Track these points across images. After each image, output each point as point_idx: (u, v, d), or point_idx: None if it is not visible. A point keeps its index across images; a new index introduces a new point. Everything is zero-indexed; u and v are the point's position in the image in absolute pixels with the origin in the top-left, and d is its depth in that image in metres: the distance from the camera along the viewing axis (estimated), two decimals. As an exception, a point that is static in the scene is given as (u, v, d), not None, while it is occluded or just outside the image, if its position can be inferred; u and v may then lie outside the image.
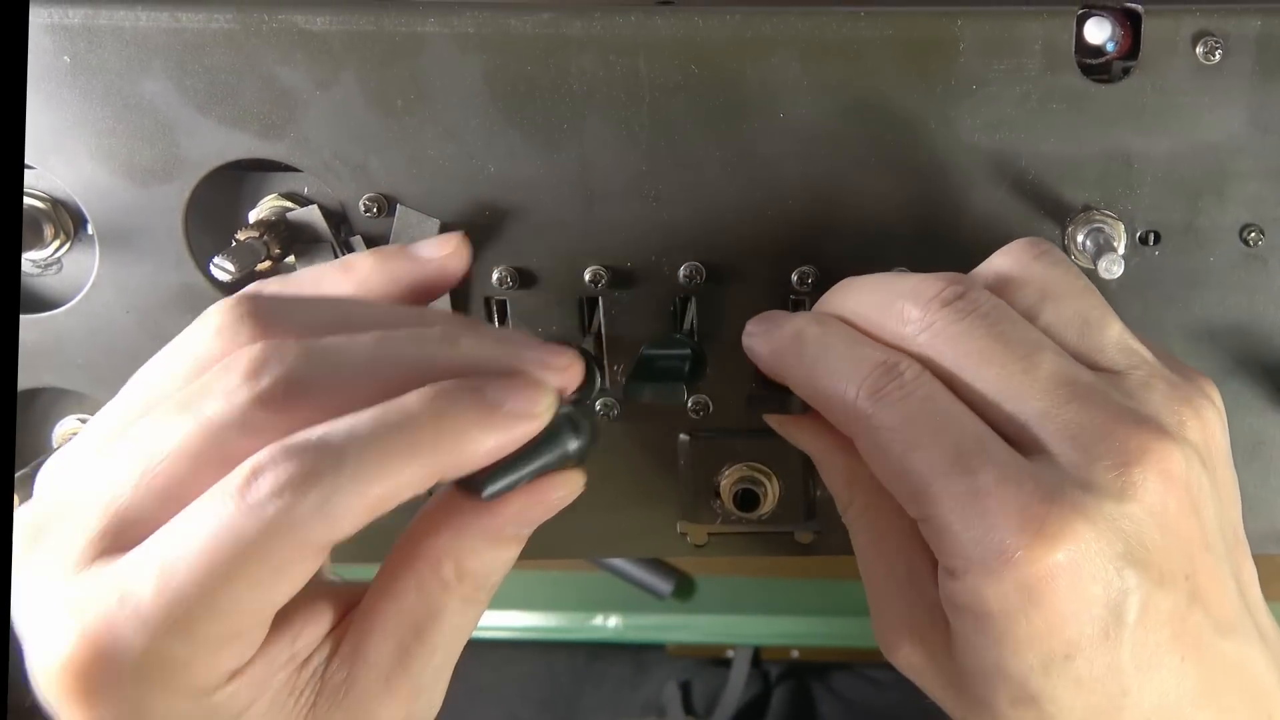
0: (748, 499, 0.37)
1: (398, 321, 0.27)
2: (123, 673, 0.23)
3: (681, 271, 0.35)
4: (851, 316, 0.30)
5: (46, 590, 0.24)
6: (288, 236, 0.35)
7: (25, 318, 0.36)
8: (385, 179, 0.35)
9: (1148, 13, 0.33)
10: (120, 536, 0.24)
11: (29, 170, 0.35)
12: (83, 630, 0.23)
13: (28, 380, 0.37)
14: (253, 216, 0.36)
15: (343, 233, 0.35)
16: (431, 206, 0.35)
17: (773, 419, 0.33)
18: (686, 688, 0.76)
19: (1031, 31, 0.33)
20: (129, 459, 0.24)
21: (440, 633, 0.27)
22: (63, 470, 0.26)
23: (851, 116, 0.34)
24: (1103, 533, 0.25)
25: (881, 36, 0.33)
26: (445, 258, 0.31)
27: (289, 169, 0.35)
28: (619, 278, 0.36)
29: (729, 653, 0.77)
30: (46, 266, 0.37)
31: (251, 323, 0.25)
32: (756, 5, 0.33)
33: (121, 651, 0.23)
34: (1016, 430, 0.27)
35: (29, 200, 0.35)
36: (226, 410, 0.24)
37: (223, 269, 0.32)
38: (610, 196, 0.35)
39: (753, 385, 0.33)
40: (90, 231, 0.35)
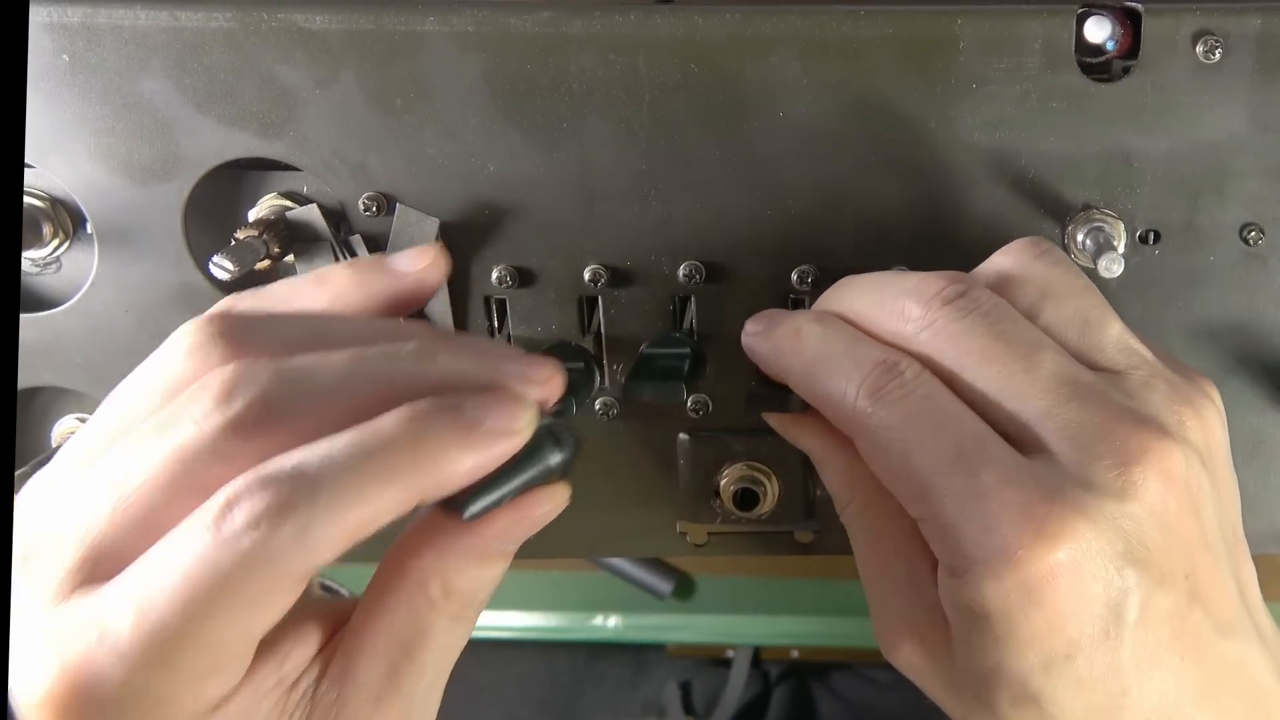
0: (747, 498, 0.37)
1: (372, 337, 0.27)
2: (104, 707, 0.23)
3: (681, 270, 0.35)
4: (851, 314, 0.30)
5: (28, 621, 0.23)
6: (287, 235, 0.35)
7: (24, 317, 0.36)
8: (384, 178, 0.35)
9: (1148, 12, 0.33)
10: (98, 567, 0.23)
11: (28, 169, 0.35)
12: (62, 665, 0.23)
13: (27, 379, 0.37)
14: (252, 215, 0.36)
15: (342, 231, 0.35)
16: (431, 205, 0.35)
17: (772, 418, 0.33)
18: (686, 688, 0.76)
19: (1031, 30, 0.33)
20: (103, 488, 0.24)
21: (430, 651, 0.27)
22: (42, 495, 0.25)
23: (851, 115, 0.34)
24: (1103, 532, 0.25)
25: (881, 35, 0.33)
26: (422, 271, 0.30)
27: (288, 168, 0.35)
28: (618, 277, 0.36)
29: (729, 653, 0.77)
30: (46, 265, 0.37)
31: (223, 342, 0.25)
32: (756, 4, 0.33)
33: (102, 686, 0.22)
34: (1017, 429, 0.27)
35: (28, 199, 0.35)
36: (198, 437, 0.23)
37: (222, 268, 0.32)
38: (610, 195, 0.35)
39: (752, 384, 0.33)
40: (89, 230, 0.35)
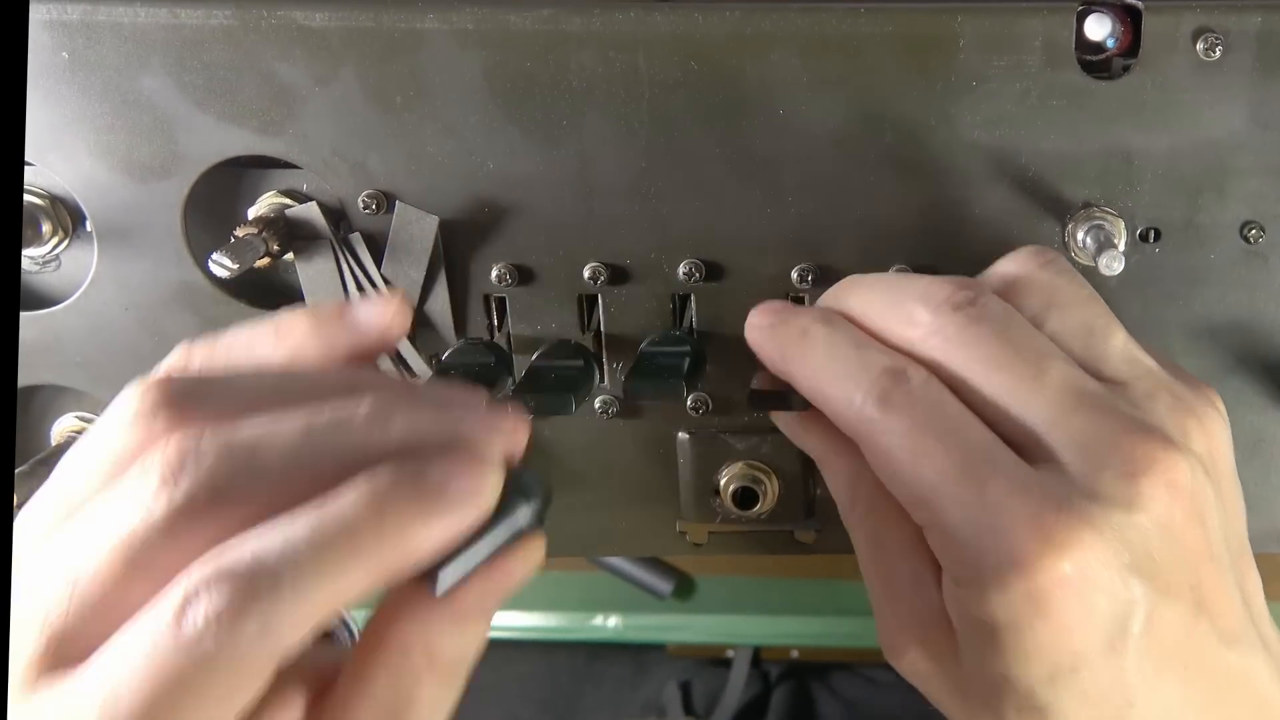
0: (747, 497, 0.37)
1: (326, 393, 0.26)
2: None
3: (681, 269, 0.35)
4: (858, 315, 0.30)
5: (7, 702, 0.23)
6: (286, 233, 0.35)
7: (24, 315, 0.36)
8: (384, 176, 0.35)
9: (1148, 9, 0.33)
10: (61, 654, 0.23)
11: (28, 167, 0.35)
12: None
13: (26, 378, 0.36)
14: (251, 213, 0.36)
15: (341, 229, 0.35)
16: (430, 203, 0.35)
17: (778, 418, 0.33)
18: (686, 688, 0.75)
19: (1032, 28, 0.33)
20: (57, 573, 0.23)
21: (418, 718, 0.26)
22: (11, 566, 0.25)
23: (851, 113, 0.34)
24: (1110, 543, 0.25)
25: (881, 33, 0.33)
26: (384, 325, 0.29)
27: (288, 166, 0.35)
28: (618, 275, 0.36)
29: (729, 653, 0.77)
30: (45, 263, 0.37)
31: (167, 410, 0.24)
32: (756, 1, 0.33)
33: None
34: (1023, 437, 0.27)
35: (28, 197, 0.35)
36: (147, 522, 0.23)
37: (221, 265, 0.32)
38: (610, 193, 0.35)
39: (753, 381, 0.33)
40: (89, 228, 0.35)
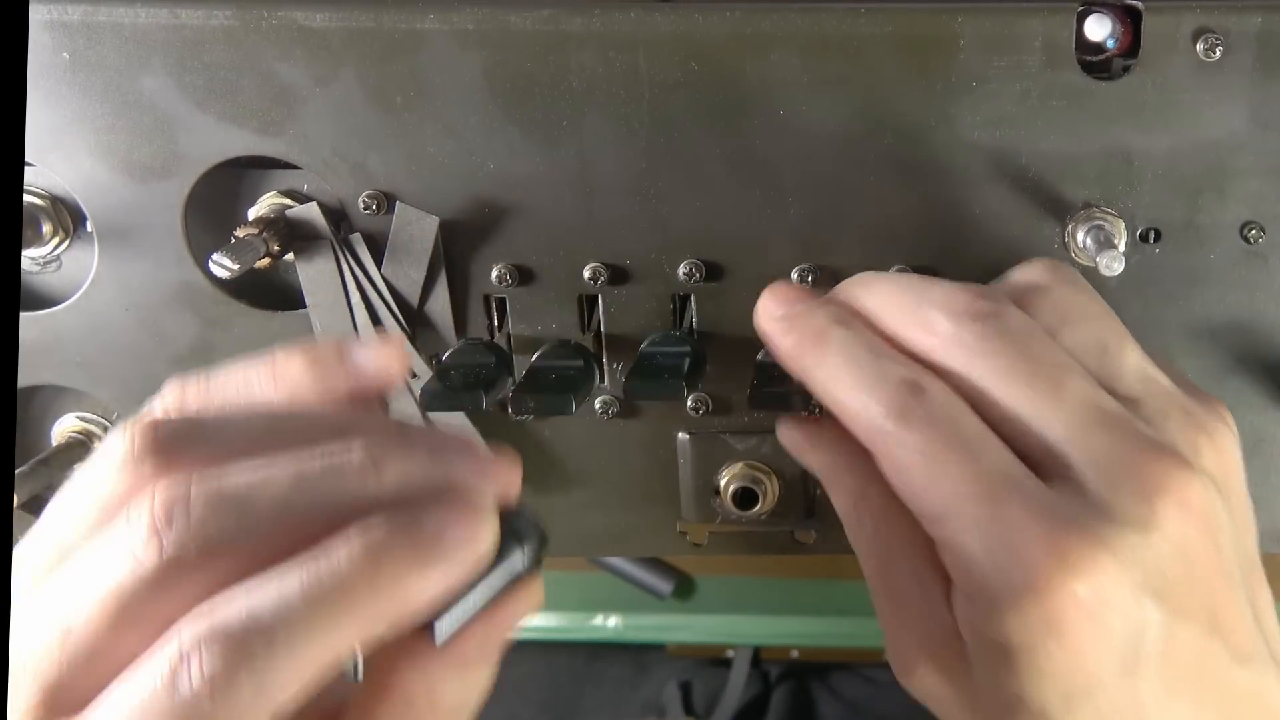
0: (747, 498, 0.37)
1: (317, 436, 0.25)
2: None
3: (681, 269, 0.35)
4: (875, 316, 0.29)
5: None
6: (287, 234, 0.35)
7: (24, 315, 0.36)
8: (384, 176, 0.35)
9: (1148, 9, 0.33)
10: (57, 703, 0.23)
11: (28, 167, 0.35)
12: None
13: (27, 378, 0.36)
14: (252, 214, 0.36)
15: (342, 230, 0.35)
16: (431, 204, 0.35)
17: (784, 436, 0.32)
18: (686, 688, 0.75)
19: (1032, 28, 0.33)
20: (48, 624, 0.23)
21: None
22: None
23: (851, 113, 0.34)
24: (1124, 564, 0.25)
25: (881, 33, 0.33)
26: (381, 368, 0.28)
27: (288, 166, 0.35)
28: (618, 275, 0.36)
29: (729, 653, 0.77)
30: (46, 264, 0.37)
31: (156, 455, 0.24)
32: (756, 1, 0.33)
33: None
34: (1039, 451, 0.27)
35: (28, 197, 0.35)
36: (135, 574, 0.22)
37: (222, 266, 0.32)
38: (610, 193, 0.35)
39: (753, 382, 0.33)
40: (89, 229, 0.35)
